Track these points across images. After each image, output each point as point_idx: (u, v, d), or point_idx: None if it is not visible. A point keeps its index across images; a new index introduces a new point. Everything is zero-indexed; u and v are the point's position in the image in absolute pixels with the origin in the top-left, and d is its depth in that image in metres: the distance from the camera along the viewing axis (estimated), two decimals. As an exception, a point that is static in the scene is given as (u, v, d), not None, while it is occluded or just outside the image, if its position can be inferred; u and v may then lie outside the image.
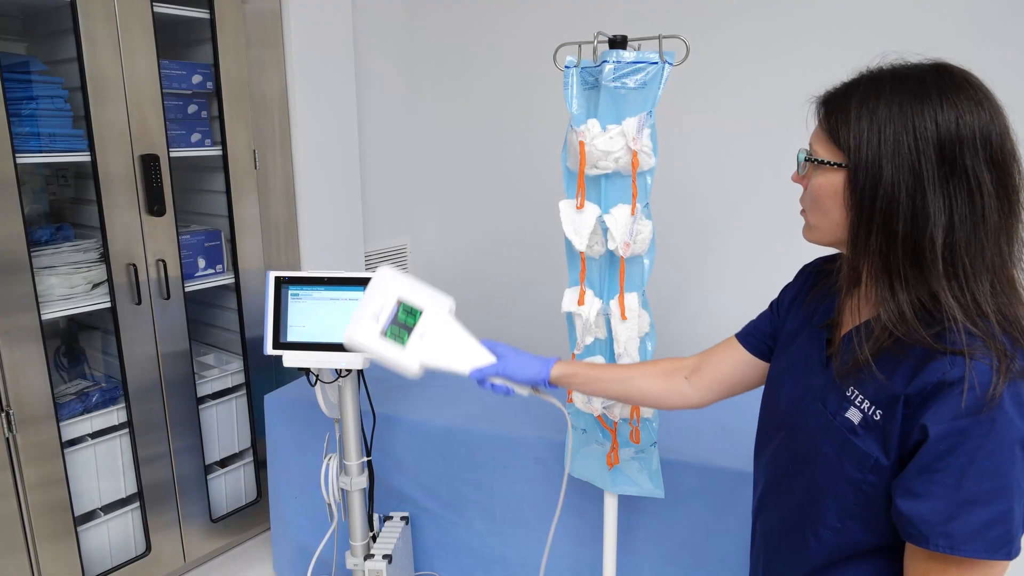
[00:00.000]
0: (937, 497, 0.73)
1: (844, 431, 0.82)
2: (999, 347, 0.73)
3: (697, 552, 1.69)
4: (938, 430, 0.73)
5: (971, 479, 0.72)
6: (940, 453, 0.73)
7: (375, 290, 1.16)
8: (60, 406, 2.00)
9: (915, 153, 0.74)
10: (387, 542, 1.84)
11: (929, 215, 0.74)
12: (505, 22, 2.85)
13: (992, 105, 0.76)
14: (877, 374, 0.80)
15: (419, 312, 1.15)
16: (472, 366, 1.15)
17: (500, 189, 3.02)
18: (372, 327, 1.14)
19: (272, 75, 2.41)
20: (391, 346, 1.13)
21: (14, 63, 1.89)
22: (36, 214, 2.24)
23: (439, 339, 1.15)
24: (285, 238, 2.54)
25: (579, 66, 1.39)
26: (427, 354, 1.14)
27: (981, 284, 0.75)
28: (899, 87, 0.77)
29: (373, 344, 1.14)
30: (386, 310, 1.14)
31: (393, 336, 1.14)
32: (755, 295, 2.45)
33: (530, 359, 1.18)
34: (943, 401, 0.73)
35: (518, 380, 1.16)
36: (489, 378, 1.17)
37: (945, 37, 2.02)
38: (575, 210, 1.41)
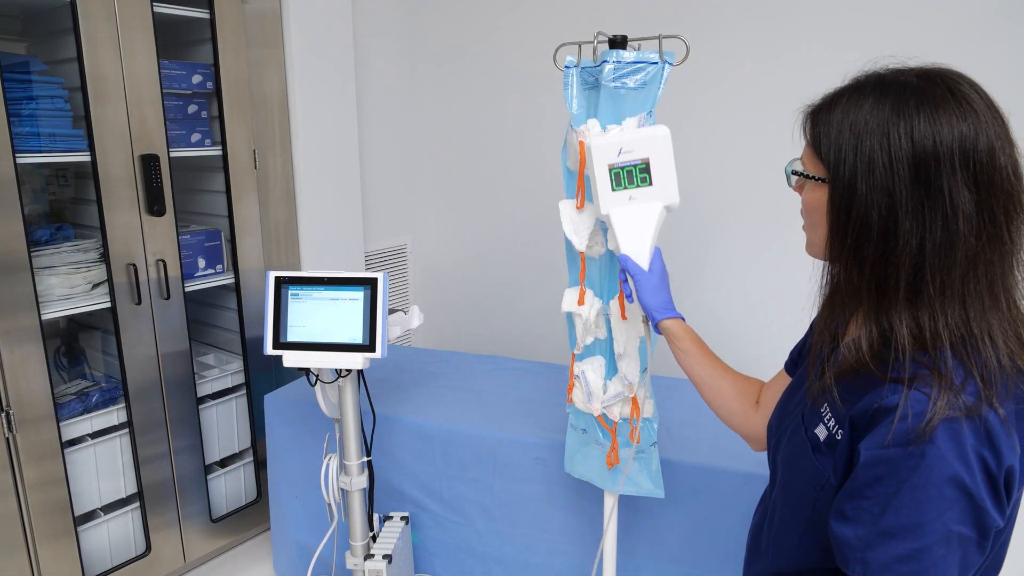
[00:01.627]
0: (861, 523, 0.72)
1: (809, 447, 0.81)
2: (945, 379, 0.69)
3: (697, 552, 1.69)
4: (868, 456, 0.71)
5: (891, 511, 0.70)
6: (868, 480, 0.71)
7: (644, 136, 1.15)
8: (60, 406, 2.00)
9: (889, 171, 0.71)
10: (387, 542, 1.84)
11: (899, 239, 0.71)
12: (505, 22, 2.85)
13: (978, 118, 0.71)
14: (836, 399, 0.78)
15: (649, 182, 1.16)
16: (628, 252, 1.17)
17: (500, 189, 3.02)
18: (611, 154, 1.15)
19: (272, 75, 2.41)
20: (607, 179, 1.15)
21: (14, 63, 1.89)
22: (36, 214, 2.24)
23: (637, 214, 1.16)
24: (285, 238, 2.54)
25: (579, 66, 1.39)
26: (618, 212, 1.16)
27: (948, 312, 0.71)
28: (880, 98, 0.73)
29: (599, 165, 1.16)
30: (632, 155, 1.15)
31: (615, 176, 1.15)
32: (755, 294, 2.47)
33: (663, 294, 1.18)
34: (878, 428, 0.71)
35: (640, 299, 1.18)
36: (626, 272, 1.19)
37: (945, 37, 2.02)
38: (575, 210, 1.41)
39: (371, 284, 1.57)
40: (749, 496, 1.62)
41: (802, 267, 0.93)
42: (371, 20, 2.91)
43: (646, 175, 1.17)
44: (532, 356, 2.82)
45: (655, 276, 1.19)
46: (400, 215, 3.22)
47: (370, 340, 1.57)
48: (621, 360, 1.46)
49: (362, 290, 1.58)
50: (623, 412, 1.49)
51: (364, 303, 1.57)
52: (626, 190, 1.17)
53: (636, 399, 1.47)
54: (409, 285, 3.33)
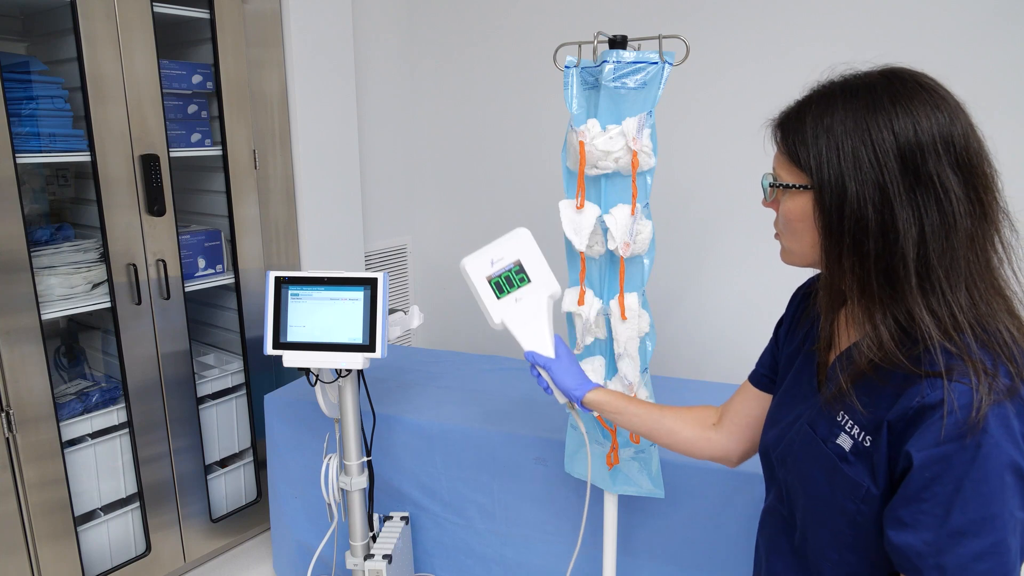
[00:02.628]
0: (926, 527, 0.70)
1: (835, 459, 0.79)
2: (978, 365, 0.69)
3: (697, 552, 1.69)
4: (921, 457, 0.70)
5: (958, 509, 0.68)
6: (925, 481, 0.70)
7: (507, 242, 1.26)
8: (60, 406, 2.00)
9: (877, 166, 0.72)
10: (387, 542, 1.84)
11: (899, 229, 0.72)
12: (505, 22, 2.85)
13: (949, 106, 0.73)
14: (856, 404, 0.77)
15: (527, 280, 1.25)
16: (532, 348, 1.23)
17: (500, 189, 3.02)
18: (485, 268, 1.26)
19: (272, 75, 2.41)
20: (489, 292, 1.25)
21: (14, 63, 1.89)
22: (36, 214, 2.24)
23: (527, 311, 1.24)
24: (285, 238, 2.54)
25: (579, 66, 1.39)
26: (510, 316, 1.24)
27: (958, 296, 0.72)
28: (851, 100, 0.75)
29: (477, 281, 1.26)
30: (504, 262, 1.25)
31: (495, 285, 1.25)
32: (754, 295, 2.47)
33: (576, 374, 1.21)
34: (925, 426, 0.70)
35: (557, 384, 1.21)
36: (537, 366, 1.22)
37: (945, 37, 2.02)
38: (575, 210, 1.41)
39: (371, 284, 1.57)
40: (749, 496, 1.62)
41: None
42: (371, 20, 2.91)
43: (523, 275, 1.25)
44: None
45: (564, 360, 1.22)
46: (400, 215, 3.22)
47: (370, 340, 1.57)
48: (621, 360, 1.46)
49: (362, 290, 1.58)
50: (623, 412, 1.49)
51: (364, 303, 1.57)
52: (510, 294, 1.25)
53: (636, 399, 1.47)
54: (409, 285, 3.33)
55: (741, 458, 1.12)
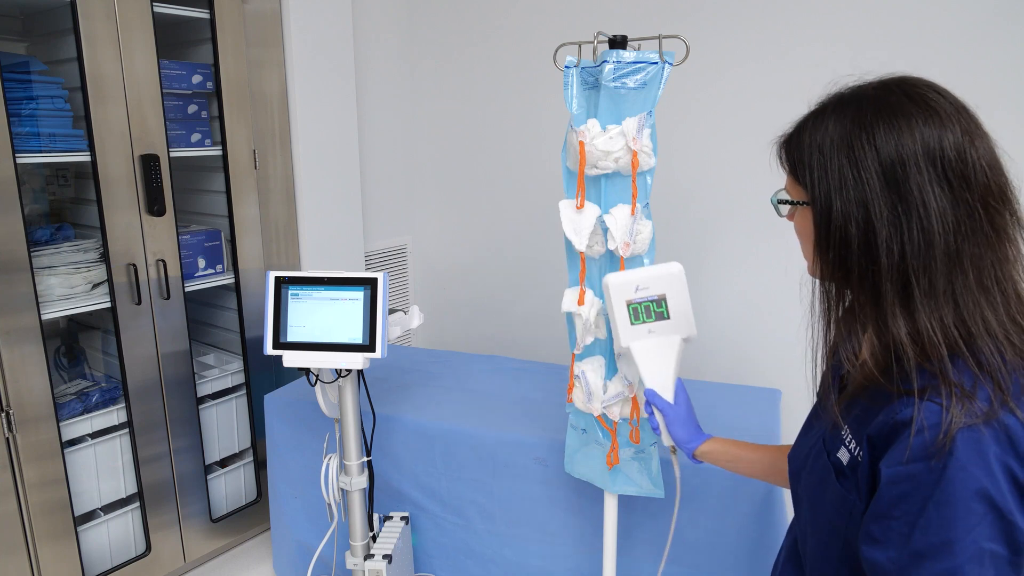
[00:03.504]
0: (892, 545, 0.70)
1: (833, 473, 0.79)
2: (953, 387, 0.68)
3: (697, 552, 1.69)
4: (889, 474, 0.70)
5: (920, 530, 0.67)
6: (893, 498, 0.69)
7: (658, 273, 1.24)
8: (60, 406, 2.00)
9: (860, 183, 0.72)
10: (387, 542, 1.84)
11: (879, 246, 0.71)
12: (505, 22, 2.85)
13: (939, 116, 0.71)
14: (834, 416, 0.77)
15: (666, 316, 1.23)
16: (653, 387, 1.22)
17: (500, 189, 3.02)
18: (628, 292, 1.23)
19: (272, 75, 2.41)
20: (625, 314, 1.23)
21: (14, 63, 1.89)
22: (36, 214, 2.24)
23: (656, 347, 1.23)
24: (285, 238, 2.54)
25: (579, 66, 1.39)
26: (638, 347, 1.23)
27: (944, 314, 0.70)
28: (839, 116, 0.75)
29: (617, 302, 1.23)
30: (649, 291, 1.23)
31: (632, 311, 1.23)
32: (754, 295, 2.47)
33: (692, 425, 1.20)
34: (896, 443, 0.70)
35: (672, 432, 1.21)
36: (654, 407, 1.22)
37: (945, 37, 2.02)
38: (575, 210, 1.41)
39: (371, 284, 1.57)
40: (749, 496, 1.62)
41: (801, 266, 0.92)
42: (371, 20, 2.91)
43: (663, 309, 1.23)
44: (532, 356, 2.82)
45: (682, 408, 1.21)
46: (400, 215, 3.22)
47: (370, 340, 1.57)
48: (621, 360, 1.46)
49: (362, 290, 1.58)
50: (623, 412, 1.49)
51: (364, 303, 1.57)
52: (644, 324, 1.23)
53: (636, 399, 1.47)
54: (409, 285, 3.33)
55: None
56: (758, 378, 2.43)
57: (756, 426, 1.85)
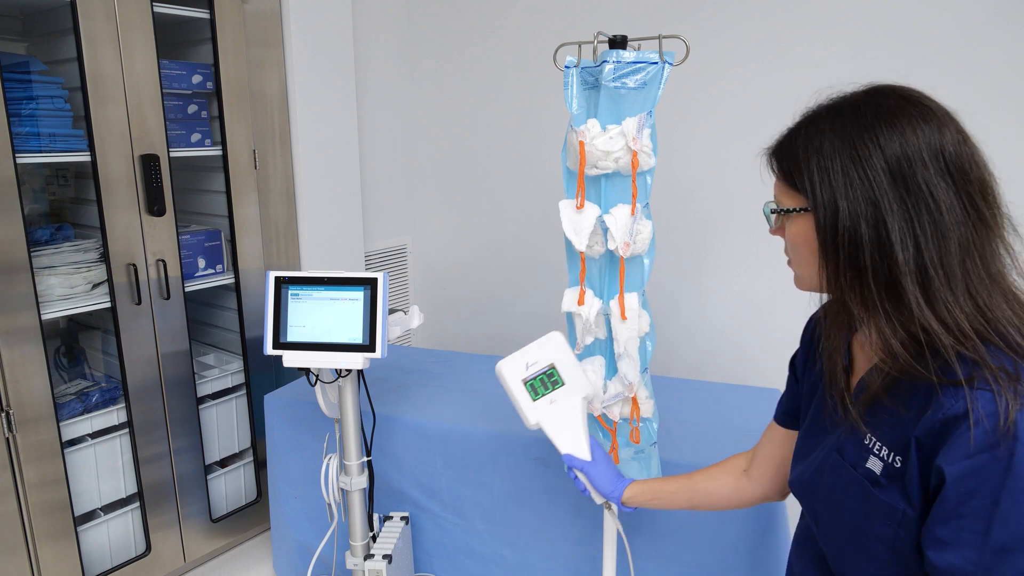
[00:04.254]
0: (968, 545, 0.67)
1: (867, 483, 0.77)
2: (998, 370, 0.68)
3: (697, 552, 1.69)
4: (953, 471, 0.68)
5: (999, 523, 0.65)
6: (961, 496, 0.67)
7: (541, 346, 1.32)
8: (60, 406, 2.00)
9: (867, 182, 0.73)
10: (387, 542, 1.84)
11: (893, 241, 0.72)
12: (505, 22, 2.85)
13: (936, 116, 0.74)
14: (857, 424, 0.77)
15: (561, 383, 1.31)
16: (569, 451, 1.28)
17: (500, 189, 3.02)
18: (520, 371, 1.31)
19: (272, 75, 2.41)
20: (525, 394, 1.30)
21: (14, 63, 1.89)
22: (36, 214, 2.24)
23: (561, 413, 1.30)
24: (285, 238, 2.54)
25: (579, 66, 1.39)
26: (545, 418, 1.30)
27: (961, 303, 0.71)
28: (837, 120, 0.76)
29: (513, 384, 1.31)
30: (538, 365, 1.31)
31: (530, 388, 1.31)
32: (754, 295, 2.47)
33: (611, 475, 1.25)
34: (953, 439, 0.68)
35: (595, 487, 1.26)
36: (574, 469, 1.26)
37: (945, 37, 2.02)
38: (575, 210, 1.41)
39: (371, 284, 1.57)
40: (749, 496, 1.62)
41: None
42: (371, 20, 2.91)
43: (556, 377, 1.30)
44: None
45: (600, 463, 1.25)
46: (400, 215, 3.22)
47: (370, 340, 1.57)
48: (621, 360, 1.46)
49: (362, 290, 1.58)
50: (623, 412, 1.49)
51: (364, 303, 1.57)
52: (545, 396, 1.30)
53: (636, 399, 1.47)
54: (409, 285, 3.33)
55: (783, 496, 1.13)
56: (758, 378, 2.43)
57: (756, 426, 1.84)
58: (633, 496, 1.23)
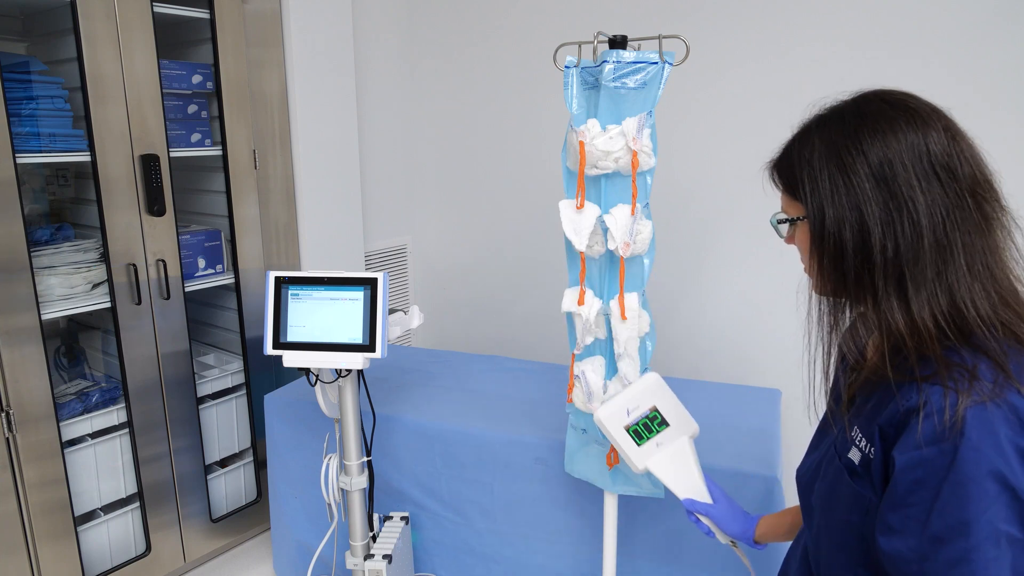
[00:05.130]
0: (910, 532, 0.70)
1: (846, 473, 0.80)
2: (956, 367, 0.70)
3: (697, 552, 1.69)
4: (902, 460, 0.70)
5: (936, 514, 0.68)
6: (908, 485, 0.70)
7: (640, 388, 1.27)
8: (60, 406, 2.00)
9: (852, 188, 0.75)
10: (387, 542, 1.84)
11: (873, 245, 0.74)
12: (505, 22, 2.85)
13: (920, 117, 0.75)
14: (843, 419, 0.79)
15: (665, 425, 1.26)
16: (688, 496, 1.22)
17: (500, 189, 3.02)
18: (622, 417, 1.26)
19: (272, 75, 2.41)
20: (629, 440, 1.26)
21: (14, 63, 1.89)
22: (36, 214, 2.24)
23: (671, 456, 1.25)
24: (285, 238, 2.54)
25: (579, 66, 1.39)
26: (655, 463, 1.25)
27: (936, 303, 0.73)
28: (823, 130, 0.79)
29: (616, 431, 1.26)
30: (640, 409, 1.26)
31: (634, 433, 1.26)
32: (754, 295, 2.47)
33: (738, 513, 1.20)
34: (907, 430, 0.71)
35: (724, 529, 1.20)
36: (697, 513, 1.21)
37: (945, 37, 2.02)
38: (575, 210, 1.41)
39: (371, 284, 1.57)
40: (749, 496, 1.62)
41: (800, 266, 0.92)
42: (371, 20, 2.91)
43: (659, 419, 1.26)
44: (532, 356, 2.82)
45: (723, 503, 1.20)
46: (400, 215, 3.22)
47: (370, 340, 1.57)
48: (621, 360, 1.46)
49: (362, 290, 1.58)
50: (623, 412, 1.49)
51: (364, 303, 1.57)
52: (650, 440, 1.26)
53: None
54: (409, 285, 3.33)
55: None
56: (758, 378, 2.43)
57: (756, 426, 1.85)
58: (764, 534, 1.17)
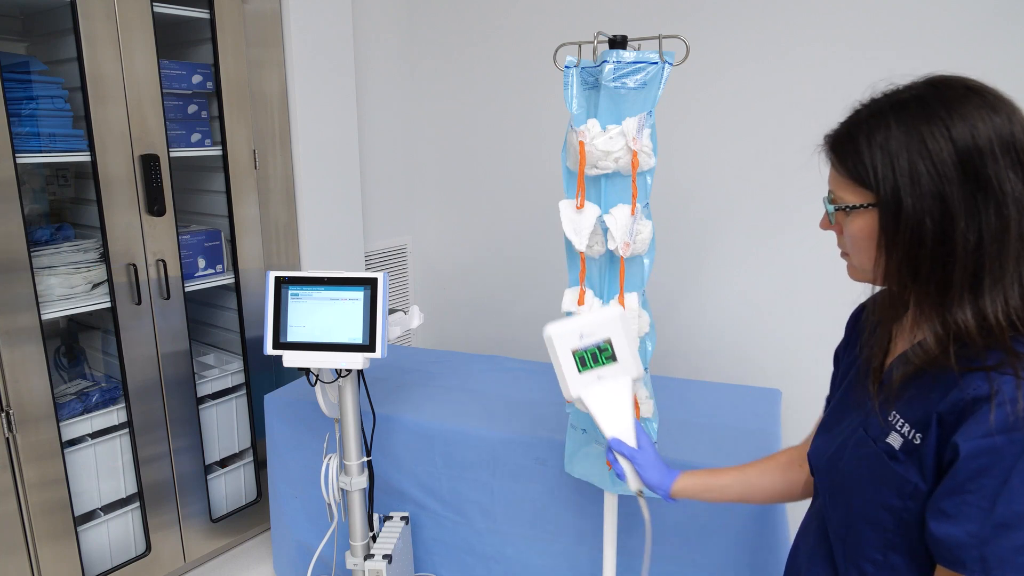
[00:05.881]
0: (970, 519, 0.70)
1: (884, 456, 0.80)
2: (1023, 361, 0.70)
3: (697, 552, 1.69)
4: (968, 447, 0.70)
5: (1004, 501, 0.68)
6: (972, 472, 0.70)
7: (599, 317, 1.21)
8: (60, 406, 2.00)
9: (936, 177, 0.72)
10: (387, 542, 1.84)
11: (956, 239, 0.72)
12: (505, 22, 2.85)
13: (1005, 106, 0.73)
14: (889, 403, 0.77)
15: (613, 361, 1.21)
16: (615, 435, 1.19)
17: (500, 189, 3.02)
18: (572, 340, 1.21)
19: (272, 75, 2.41)
20: (572, 364, 1.21)
21: (14, 63, 1.89)
22: (36, 214, 2.24)
23: (608, 392, 1.20)
24: (285, 238, 2.54)
25: (579, 66, 1.39)
26: (591, 394, 1.20)
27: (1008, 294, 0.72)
28: (902, 114, 0.75)
29: (562, 352, 1.21)
30: (593, 337, 1.21)
31: (580, 359, 1.20)
32: (754, 295, 2.47)
33: (661, 465, 1.18)
34: (974, 418, 0.71)
35: (643, 477, 1.18)
36: (617, 453, 1.19)
37: (945, 37, 2.02)
38: (575, 210, 1.41)
39: (371, 284, 1.57)
40: (749, 496, 1.62)
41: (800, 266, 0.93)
42: (371, 20, 2.91)
43: (610, 354, 1.21)
44: (532, 356, 2.82)
45: (648, 450, 1.18)
46: (400, 215, 3.22)
47: (370, 340, 1.57)
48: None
49: (362, 290, 1.58)
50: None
51: (364, 303, 1.57)
52: (593, 370, 1.21)
53: (636, 399, 1.47)
54: (409, 285, 3.33)
55: None
56: (758, 378, 2.43)
57: (756, 426, 1.85)
58: (683, 489, 1.16)
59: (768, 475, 1.14)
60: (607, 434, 1.19)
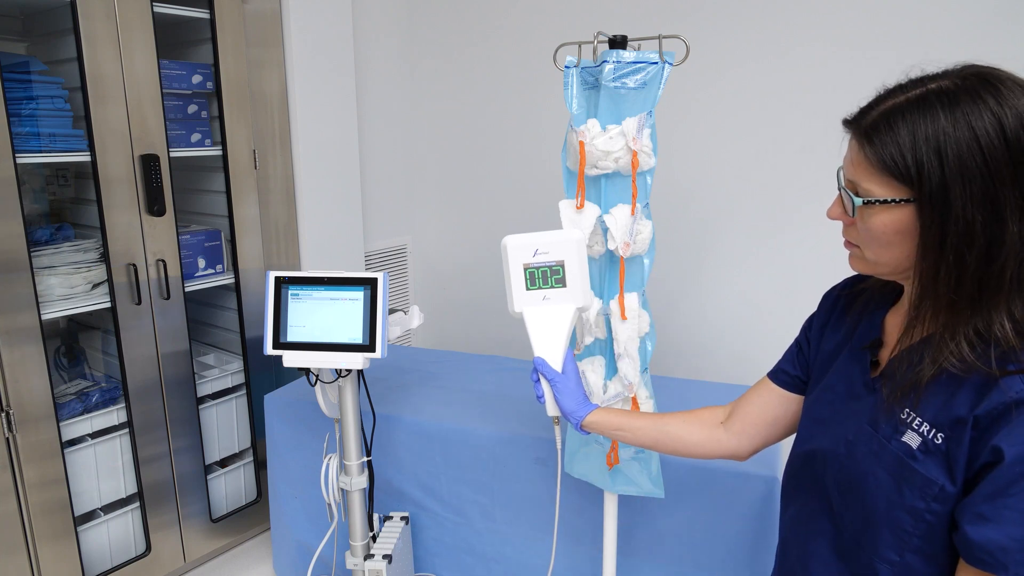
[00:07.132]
0: (1012, 523, 0.68)
1: (901, 456, 0.77)
2: None
3: (697, 552, 1.69)
4: (1015, 452, 0.68)
5: None
6: (1015, 476, 0.68)
7: (558, 238, 1.19)
8: (60, 406, 2.00)
9: (988, 176, 0.68)
10: (387, 542, 1.84)
11: (1006, 241, 0.69)
12: (505, 22, 2.85)
13: None
14: (913, 401, 0.75)
15: (563, 284, 1.19)
16: (542, 355, 1.18)
17: (500, 189, 3.02)
18: (526, 254, 1.19)
19: (272, 75, 2.41)
20: (521, 279, 1.19)
21: (14, 63, 1.89)
22: (36, 214, 2.24)
23: (550, 314, 1.19)
24: (285, 238, 2.54)
25: (579, 66, 1.39)
26: (532, 312, 1.19)
27: None
28: (952, 107, 0.70)
29: (514, 265, 1.20)
30: (547, 256, 1.19)
31: (529, 276, 1.19)
32: (754, 295, 2.47)
33: (579, 395, 1.18)
34: (1017, 422, 0.69)
35: (559, 403, 1.18)
36: (540, 374, 1.19)
37: (945, 37, 2.02)
38: (575, 210, 1.41)
39: (371, 284, 1.57)
40: (749, 496, 1.62)
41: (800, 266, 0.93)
42: (371, 20, 2.91)
43: (561, 276, 1.19)
44: (532, 356, 2.82)
45: (571, 378, 1.17)
46: (400, 215, 3.22)
47: (370, 340, 1.57)
48: (621, 360, 1.46)
49: (362, 290, 1.58)
50: (623, 412, 1.49)
51: (364, 303, 1.57)
52: (540, 290, 1.19)
53: (636, 399, 1.47)
54: (409, 285, 3.33)
55: (751, 454, 1.11)
56: (758, 378, 2.43)
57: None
58: (595, 422, 1.15)
59: (688, 427, 1.12)
60: (536, 353, 1.19)
